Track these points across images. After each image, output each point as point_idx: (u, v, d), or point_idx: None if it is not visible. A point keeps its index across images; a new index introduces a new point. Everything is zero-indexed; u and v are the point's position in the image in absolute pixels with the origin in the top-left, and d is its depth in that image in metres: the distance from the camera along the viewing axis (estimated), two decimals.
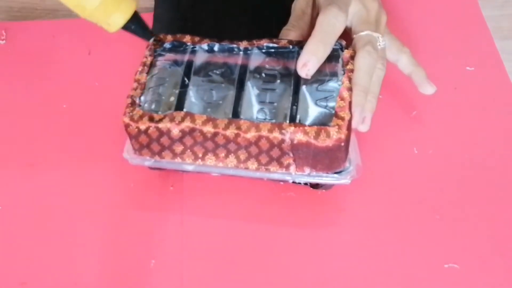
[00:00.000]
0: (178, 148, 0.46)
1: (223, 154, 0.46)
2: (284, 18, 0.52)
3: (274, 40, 0.48)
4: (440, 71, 0.57)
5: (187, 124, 0.44)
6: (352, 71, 0.46)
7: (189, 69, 0.48)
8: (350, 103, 0.44)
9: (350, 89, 0.45)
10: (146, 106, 0.46)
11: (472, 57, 0.58)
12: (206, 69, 0.48)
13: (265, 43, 0.48)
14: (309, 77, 0.45)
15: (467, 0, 0.63)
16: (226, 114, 0.45)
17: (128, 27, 0.44)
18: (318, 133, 0.43)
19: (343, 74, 0.45)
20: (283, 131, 0.43)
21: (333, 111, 0.44)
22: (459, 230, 0.48)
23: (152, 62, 0.48)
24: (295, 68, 0.45)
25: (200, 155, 0.46)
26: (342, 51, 0.47)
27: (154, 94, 0.47)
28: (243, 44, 0.48)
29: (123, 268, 0.47)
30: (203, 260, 0.47)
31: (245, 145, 0.45)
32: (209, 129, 0.44)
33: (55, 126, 0.56)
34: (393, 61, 0.51)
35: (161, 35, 0.49)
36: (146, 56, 0.49)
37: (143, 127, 0.45)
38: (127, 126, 0.45)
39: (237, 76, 0.47)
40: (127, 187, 0.51)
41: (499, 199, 0.49)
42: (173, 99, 0.46)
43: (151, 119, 0.45)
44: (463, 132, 0.53)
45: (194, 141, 0.45)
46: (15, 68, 0.61)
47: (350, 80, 0.45)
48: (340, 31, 0.46)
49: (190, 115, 0.45)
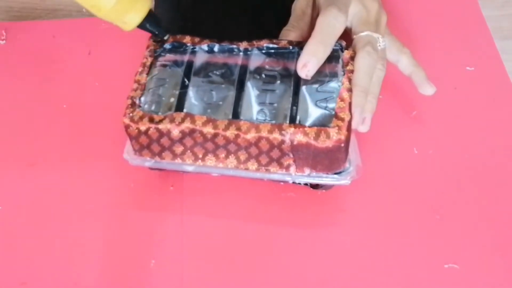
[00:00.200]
0: (178, 149, 0.46)
1: (223, 155, 0.46)
2: (284, 18, 0.52)
3: (274, 41, 0.48)
4: (440, 71, 0.57)
5: (187, 125, 0.44)
6: (352, 72, 0.46)
7: (189, 69, 0.48)
8: (350, 104, 0.44)
9: (350, 90, 0.45)
10: (146, 107, 0.46)
11: (472, 57, 0.58)
12: (206, 69, 0.48)
13: (265, 43, 0.48)
14: (309, 77, 0.45)
15: (467, 0, 0.63)
16: (226, 115, 0.45)
17: (143, 25, 0.44)
18: (318, 134, 0.43)
19: (343, 74, 0.45)
20: (283, 132, 0.43)
21: (333, 112, 0.44)
22: (459, 230, 0.48)
23: (152, 63, 0.48)
24: (295, 69, 0.45)
25: (200, 155, 0.46)
26: (342, 51, 0.47)
27: (154, 95, 0.47)
28: (243, 45, 0.48)
29: (123, 268, 0.47)
30: (203, 260, 0.47)
31: (245, 146, 0.45)
32: (209, 130, 0.44)
33: (55, 126, 0.56)
34: (393, 62, 0.51)
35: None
36: (146, 57, 0.49)
37: (143, 128, 0.45)
38: (127, 127, 0.45)
39: (237, 77, 0.47)
40: (127, 187, 0.51)
41: (499, 199, 0.49)
42: (173, 100, 0.46)
43: (151, 120, 0.45)
44: (463, 132, 0.53)
45: (194, 142, 0.45)
46: (15, 68, 0.61)
47: (350, 81, 0.45)
48: (340, 32, 0.46)
49: (190, 116, 0.45)
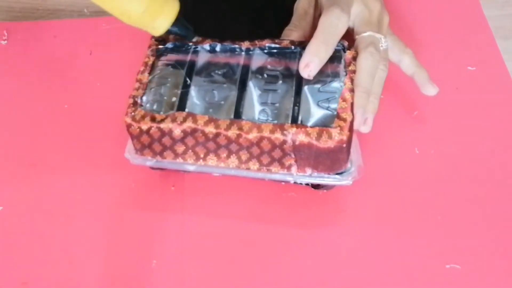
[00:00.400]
0: (180, 148, 0.46)
1: (225, 155, 0.46)
2: (285, 18, 0.52)
3: (276, 41, 0.48)
4: (441, 71, 0.57)
5: (189, 125, 0.44)
6: (354, 72, 0.46)
7: (191, 69, 0.48)
8: (352, 104, 0.44)
9: (352, 90, 0.45)
10: (148, 106, 0.46)
11: (473, 57, 0.58)
12: (208, 69, 0.48)
13: (267, 43, 0.48)
14: (311, 78, 0.45)
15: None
16: (228, 114, 0.45)
17: (172, 30, 0.44)
18: (320, 134, 0.43)
19: (345, 75, 0.45)
20: (285, 132, 0.43)
21: (335, 113, 0.44)
22: (460, 230, 0.47)
23: (154, 62, 0.48)
24: (297, 69, 0.45)
25: (202, 155, 0.46)
26: (344, 52, 0.47)
27: (156, 94, 0.47)
28: (245, 45, 0.48)
29: (124, 268, 0.47)
30: (205, 260, 0.47)
31: (246, 145, 0.44)
32: (211, 129, 0.44)
33: (56, 126, 0.55)
34: (396, 62, 0.51)
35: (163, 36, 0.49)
36: (148, 56, 0.49)
37: (145, 127, 0.45)
38: (129, 126, 0.45)
39: (239, 77, 0.47)
40: (128, 187, 0.51)
41: (501, 199, 0.49)
42: (175, 99, 0.46)
43: (153, 119, 0.45)
44: (465, 132, 0.53)
45: (195, 141, 0.45)
46: (17, 68, 0.61)
47: (352, 81, 0.45)
48: (342, 32, 0.46)
49: (192, 116, 0.45)
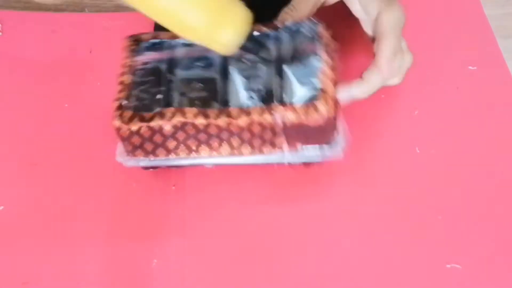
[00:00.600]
0: (171, 144, 0.46)
1: (216, 144, 0.46)
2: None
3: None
4: (442, 70, 0.57)
5: (178, 119, 0.45)
6: (329, 46, 0.47)
7: (170, 65, 0.48)
8: (332, 78, 0.46)
9: (330, 64, 0.46)
10: (135, 106, 0.46)
11: (474, 56, 0.58)
12: (187, 62, 0.48)
13: None
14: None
15: None
16: (215, 104, 0.46)
17: (244, 44, 0.40)
18: (307, 110, 0.44)
19: (322, 50, 0.47)
20: (273, 112, 0.44)
21: (318, 87, 0.45)
22: (461, 230, 0.47)
23: (132, 63, 0.48)
24: (275, 51, 0.47)
25: (194, 147, 0.47)
26: (317, 28, 0.49)
27: (140, 94, 0.47)
28: None
29: (125, 268, 0.47)
30: (206, 259, 0.47)
31: (237, 132, 0.45)
32: (201, 121, 0.45)
33: (57, 125, 0.55)
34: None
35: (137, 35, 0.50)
36: (126, 58, 0.49)
37: (134, 128, 0.45)
38: (118, 129, 0.45)
39: (219, 66, 0.47)
40: (129, 187, 0.51)
41: (501, 199, 0.49)
42: (160, 96, 0.47)
43: (142, 119, 0.45)
44: (466, 132, 0.53)
45: (186, 135, 0.46)
46: (15, 65, 0.60)
47: (329, 55, 0.47)
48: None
49: (180, 110, 0.45)
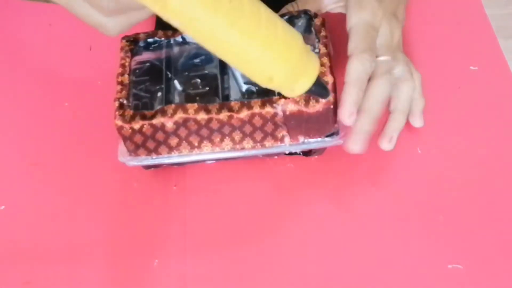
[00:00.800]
0: (173, 141, 0.46)
1: (218, 139, 0.46)
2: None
3: None
4: (443, 70, 0.57)
5: (180, 116, 0.45)
6: (325, 37, 0.48)
7: (169, 62, 0.49)
8: (330, 67, 0.46)
9: (327, 55, 0.47)
10: (135, 105, 0.46)
11: (475, 56, 0.58)
12: (185, 60, 0.48)
13: None
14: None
15: None
16: (216, 99, 0.46)
17: (310, 90, 0.40)
18: (308, 100, 0.45)
19: (318, 41, 0.48)
20: (274, 104, 0.45)
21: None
22: (463, 230, 0.47)
23: (130, 63, 0.49)
24: None
25: (196, 143, 0.47)
26: (313, 20, 0.49)
27: (140, 92, 0.47)
28: None
29: (126, 268, 0.47)
30: (207, 259, 0.47)
31: (239, 125, 0.46)
32: (202, 116, 0.45)
33: (58, 124, 0.55)
34: None
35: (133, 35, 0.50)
36: (124, 58, 0.49)
37: (136, 126, 0.45)
38: (120, 128, 0.45)
39: (217, 61, 0.48)
40: (130, 186, 0.51)
41: (503, 199, 0.49)
42: (160, 94, 0.47)
43: (144, 117, 0.45)
44: (467, 132, 0.53)
45: (188, 131, 0.46)
46: (14, 62, 0.60)
47: (325, 46, 0.47)
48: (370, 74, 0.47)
49: (182, 106, 0.45)
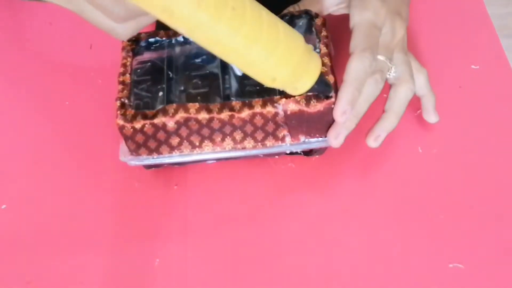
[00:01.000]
0: (175, 140, 0.46)
1: (220, 139, 0.46)
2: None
3: None
4: (444, 69, 0.57)
5: (181, 115, 0.45)
6: (326, 37, 0.48)
7: (170, 62, 0.49)
8: (331, 67, 0.47)
9: (328, 55, 0.47)
10: (137, 105, 0.46)
11: (477, 55, 0.58)
12: (186, 59, 0.49)
13: None
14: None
15: None
16: (217, 99, 0.46)
17: (312, 88, 0.42)
18: (309, 99, 0.45)
19: (319, 41, 0.48)
20: (275, 104, 0.45)
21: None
22: (463, 229, 0.47)
23: (132, 62, 0.49)
24: None
25: (197, 143, 0.47)
26: (314, 20, 0.49)
27: (141, 92, 0.47)
28: None
29: (127, 267, 0.47)
30: (208, 259, 0.47)
31: (240, 125, 0.46)
32: (203, 115, 0.45)
33: (58, 124, 0.55)
34: None
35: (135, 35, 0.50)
36: (125, 57, 0.49)
37: (138, 126, 0.45)
38: (121, 128, 0.45)
39: (218, 61, 0.48)
40: (131, 186, 0.51)
41: (504, 198, 0.49)
42: (161, 94, 0.47)
43: (145, 117, 0.45)
44: (468, 131, 0.53)
45: (189, 130, 0.46)
46: (13, 60, 0.60)
47: (326, 46, 0.48)
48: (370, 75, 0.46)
49: (183, 106, 0.45)
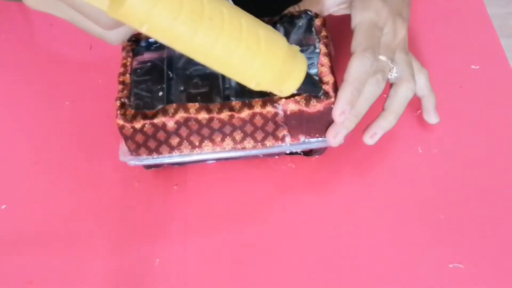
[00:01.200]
0: (175, 140, 0.46)
1: (219, 139, 0.47)
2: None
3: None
4: (445, 69, 0.57)
5: (181, 115, 0.45)
6: (326, 37, 0.48)
7: (170, 62, 0.49)
8: (330, 67, 0.47)
9: (327, 55, 0.47)
10: (137, 105, 0.47)
11: (477, 55, 0.58)
12: (186, 59, 0.49)
13: None
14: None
15: None
16: (217, 99, 0.46)
17: (299, 89, 0.42)
18: (308, 100, 0.45)
19: (319, 41, 0.48)
20: (275, 104, 0.45)
21: (317, 78, 0.46)
22: (464, 229, 0.47)
23: (132, 62, 0.49)
24: None
25: (197, 143, 0.47)
26: (314, 20, 0.50)
27: (141, 92, 0.47)
28: None
29: (128, 267, 0.47)
30: (208, 259, 0.47)
31: (240, 125, 0.46)
32: (203, 115, 0.45)
33: (59, 124, 0.55)
34: None
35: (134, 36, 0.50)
36: (125, 57, 0.49)
37: (138, 125, 0.45)
38: (121, 127, 0.45)
39: None
40: (131, 186, 0.51)
41: (504, 198, 0.49)
42: (161, 93, 0.47)
43: (145, 116, 0.45)
44: (468, 131, 0.53)
45: (189, 130, 0.46)
46: (12, 58, 0.60)
47: (326, 46, 0.48)
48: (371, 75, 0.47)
49: (183, 106, 0.45)
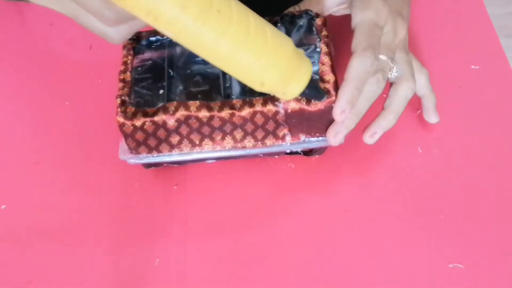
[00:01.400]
0: (175, 139, 0.46)
1: (220, 137, 0.46)
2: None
3: None
4: (444, 69, 0.57)
5: (182, 113, 0.45)
6: (327, 37, 0.48)
7: (170, 60, 0.49)
8: (331, 66, 0.47)
9: (328, 54, 0.48)
10: (137, 102, 0.47)
11: (477, 55, 0.58)
12: (187, 57, 0.49)
13: None
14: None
15: None
16: (218, 97, 0.46)
17: (303, 93, 0.41)
18: (309, 99, 0.45)
19: (320, 41, 0.49)
20: (276, 102, 0.45)
21: (318, 77, 0.46)
22: (464, 229, 0.47)
23: (132, 61, 0.49)
24: None
25: (197, 142, 0.47)
26: (314, 20, 0.50)
27: (142, 90, 0.47)
28: None
29: (128, 267, 0.47)
30: (207, 259, 0.47)
31: (240, 123, 0.46)
32: (204, 113, 0.45)
33: (59, 123, 0.55)
34: None
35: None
36: (126, 55, 0.49)
37: (138, 123, 0.45)
38: (122, 125, 0.45)
39: None
40: (131, 186, 0.51)
41: (504, 198, 0.49)
42: (162, 91, 0.47)
43: (145, 114, 0.45)
44: (468, 131, 0.53)
45: (190, 129, 0.46)
46: (12, 58, 0.60)
47: (327, 45, 0.48)
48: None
49: (184, 104, 0.45)
